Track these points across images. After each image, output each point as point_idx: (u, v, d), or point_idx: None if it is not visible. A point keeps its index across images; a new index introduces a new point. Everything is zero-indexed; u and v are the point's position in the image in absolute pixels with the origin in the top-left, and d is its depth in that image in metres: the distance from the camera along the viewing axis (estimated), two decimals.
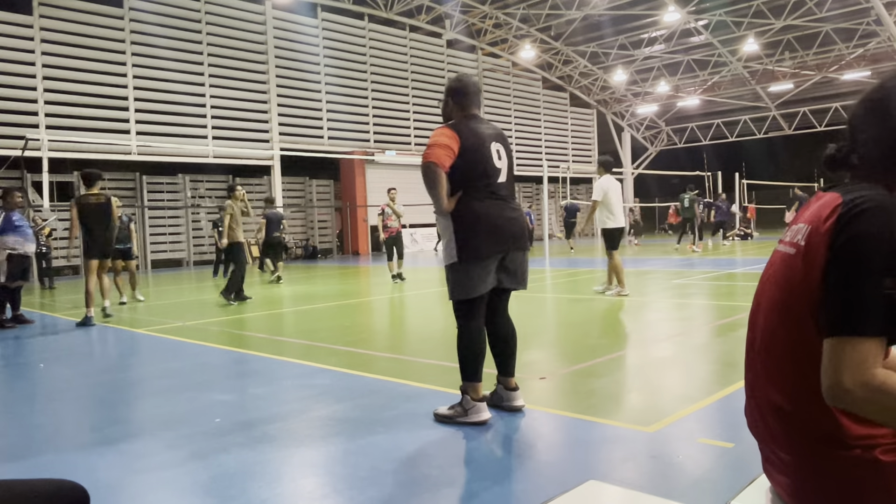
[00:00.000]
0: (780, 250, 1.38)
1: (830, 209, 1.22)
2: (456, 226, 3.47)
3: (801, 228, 1.30)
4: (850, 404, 1.13)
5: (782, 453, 1.33)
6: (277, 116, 21.34)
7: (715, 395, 3.82)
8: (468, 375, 3.52)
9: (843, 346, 1.12)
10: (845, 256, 1.16)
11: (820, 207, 1.26)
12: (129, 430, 3.61)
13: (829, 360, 1.14)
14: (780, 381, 1.31)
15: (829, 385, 1.14)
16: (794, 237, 1.31)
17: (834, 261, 1.18)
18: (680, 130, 35.93)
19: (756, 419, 1.42)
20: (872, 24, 24.55)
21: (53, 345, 6.93)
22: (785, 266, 1.32)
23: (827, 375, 1.14)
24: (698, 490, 2.57)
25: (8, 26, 16.54)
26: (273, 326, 7.53)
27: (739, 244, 20.84)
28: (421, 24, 25.62)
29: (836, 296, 1.16)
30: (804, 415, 1.26)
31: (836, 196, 1.24)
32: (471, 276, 3.47)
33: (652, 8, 24.96)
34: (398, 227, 11.78)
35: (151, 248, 19.97)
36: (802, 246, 1.26)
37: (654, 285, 10.17)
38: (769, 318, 1.35)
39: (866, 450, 1.21)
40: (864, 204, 1.17)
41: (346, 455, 3.08)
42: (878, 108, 1.30)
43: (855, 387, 1.10)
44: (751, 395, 1.43)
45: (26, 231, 8.13)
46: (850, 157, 1.33)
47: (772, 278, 1.37)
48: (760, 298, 1.42)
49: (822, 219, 1.22)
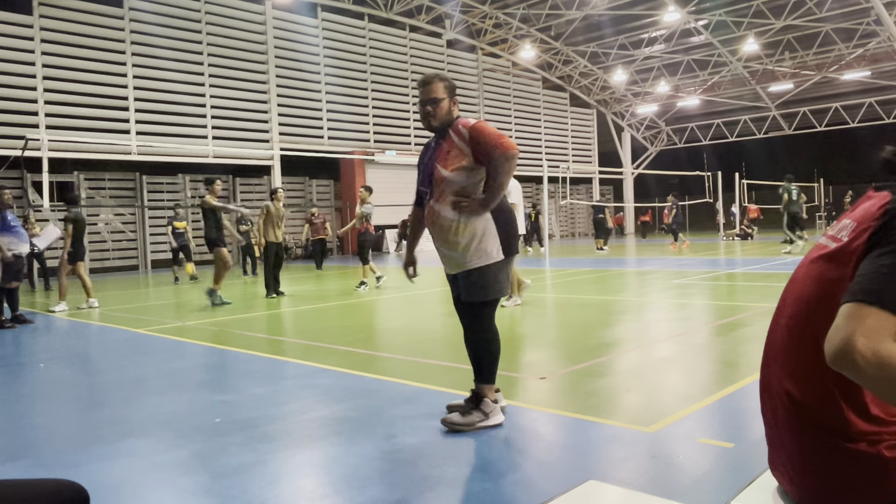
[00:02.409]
0: (821, 242, 1.39)
1: (880, 205, 1.24)
2: (497, 221, 3.37)
3: (847, 224, 1.31)
4: (853, 367, 1.10)
5: (789, 442, 1.34)
6: (277, 116, 21.35)
7: (715, 395, 3.82)
8: (491, 378, 3.45)
9: (864, 311, 1.11)
10: (883, 237, 1.18)
11: (869, 206, 1.28)
12: (129, 430, 3.60)
13: (845, 321, 1.12)
14: (796, 372, 1.32)
15: (840, 342, 1.11)
16: (839, 233, 1.32)
17: (872, 243, 1.19)
18: (680, 130, 35.94)
19: (768, 406, 1.43)
20: (872, 24, 24.55)
21: (53, 345, 6.93)
22: (821, 259, 1.33)
23: (838, 334, 1.12)
24: (698, 490, 2.57)
25: (8, 26, 16.54)
26: (273, 326, 7.53)
27: (739, 244, 20.84)
28: (421, 24, 25.63)
29: (865, 268, 1.17)
30: (814, 406, 1.27)
31: (886, 194, 1.26)
32: (507, 273, 3.43)
33: (652, 8, 24.96)
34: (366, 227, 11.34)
35: (151, 248, 19.97)
36: (845, 241, 1.27)
37: (654, 285, 10.17)
38: (794, 308, 1.36)
39: (871, 444, 1.23)
40: None
41: (346, 455, 3.08)
42: None
43: (866, 350, 1.08)
44: (766, 381, 1.44)
45: (20, 231, 8.11)
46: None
47: (805, 270, 1.38)
48: (789, 288, 1.43)
49: (870, 215, 1.24)
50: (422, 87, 3.45)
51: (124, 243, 19.76)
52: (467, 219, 3.33)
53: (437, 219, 3.41)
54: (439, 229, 3.41)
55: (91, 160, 18.28)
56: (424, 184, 3.51)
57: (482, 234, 3.34)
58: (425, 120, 3.45)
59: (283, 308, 9.01)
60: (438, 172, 3.38)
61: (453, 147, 3.36)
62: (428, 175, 3.47)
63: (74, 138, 16.96)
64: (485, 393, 3.43)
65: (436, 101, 3.40)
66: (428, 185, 3.46)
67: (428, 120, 3.44)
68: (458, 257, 3.37)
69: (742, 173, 24.99)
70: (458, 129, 3.37)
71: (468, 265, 3.36)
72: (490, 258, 3.34)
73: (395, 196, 22.31)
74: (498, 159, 3.22)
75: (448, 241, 3.38)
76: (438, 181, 3.39)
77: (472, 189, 3.35)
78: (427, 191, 3.48)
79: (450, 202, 3.34)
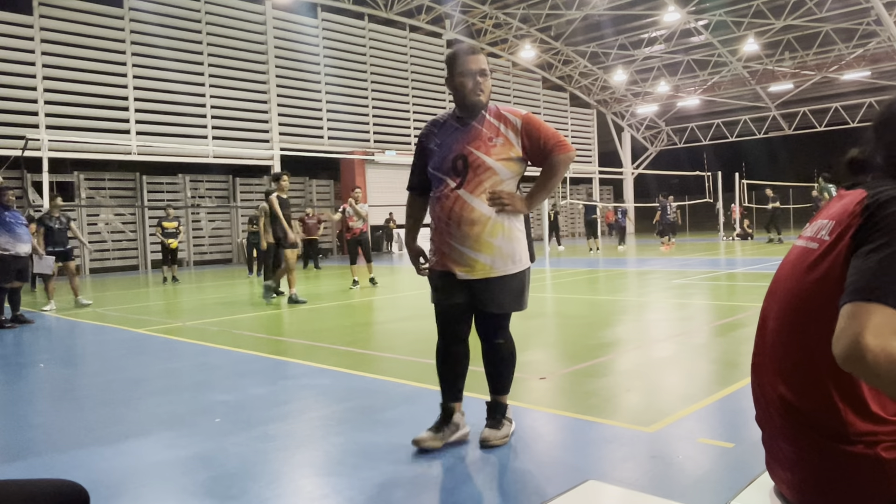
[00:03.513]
0: (799, 245, 1.38)
1: (857, 202, 1.24)
2: (527, 225, 3.10)
3: (826, 224, 1.31)
4: (865, 367, 1.09)
5: (786, 447, 1.34)
6: (277, 116, 21.35)
7: (715, 395, 3.82)
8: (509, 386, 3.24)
9: (866, 309, 1.11)
10: (872, 234, 1.17)
11: (845, 203, 1.28)
12: (129, 430, 3.60)
13: (849, 321, 1.11)
14: (789, 375, 1.31)
15: (848, 343, 1.10)
16: (818, 233, 1.32)
17: (859, 241, 1.19)
18: (680, 130, 35.95)
19: (762, 412, 1.43)
20: (872, 24, 24.55)
21: (53, 345, 6.93)
22: (805, 261, 1.32)
23: (845, 335, 1.11)
24: (698, 490, 2.57)
25: (8, 26, 16.55)
26: (273, 326, 7.53)
27: (739, 244, 20.84)
28: (421, 24, 25.63)
29: (860, 267, 1.16)
30: (810, 409, 1.27)
31: (860, 192, 1.26)
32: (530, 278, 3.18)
33: (652, 8, 24.97)
34: (361, 228, 11.54)
35: (151, 248, 19.96)
36: (827, 241, 1.27)
37: (654, 285, 10.17)
38: (783, 313, 1.35)
39: (869, 446, 1.22)
40: (891, 192, 1.19)
41: (346, 455, 3.08)
42: None
43: (876, 348, 1.07)
44: (758, 387, 1.43)
45: (18, 231, 7.97)
46: (875, 157, 1.33)
47: (790, 273, 1.37)
48: (776, 290, 1.42)
49: (848, 212, 1.24)
50: (469, 56, 2.97)
51: (124, 243, 19.76)
52: (507, 218, 2.96)
53: (467, 212, 2.92)
54: (468, 224, 2.92)
55: (91, 160, 18.29)
56: (445, 169, 2.99)
57: (518, 237, 3.01)
58: (473, 93, 2.95)
59: (282, 308, 9.01)
60: (478, 158, 2.92)
61: (497, 134, 2.95)
62: (454, 159, 2.96)
63: (74, 138, 16.96)
64: (505, 402, 3.22)
65: (485, 74, 2.98)
66: (452, 172, 2.97)
67: (476, 94, 2.95)
68: (487, 260, 2.95)
69: (742, 173, 24.98)
70: (503, 115, 2.99)
71: (499, 271, 2.97)
72: (524, 264, 3.04)
73: (396, 196, 22.31)
74: (558, 159, 2.92)
75: (479, 240, 2.93)
76: (476, 168, 2.92)
77: (509, 185, 2.98)
78: (447, 178, 2.98)
79: (486, 196, 2.92)
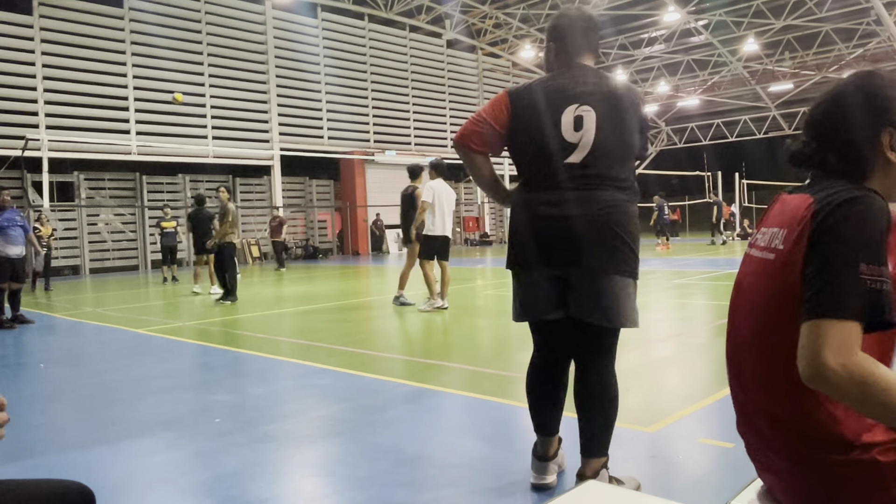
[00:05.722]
0: (755, 256, 1.36)
1: (805, 208, 1.23)
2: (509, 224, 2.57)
3: (777, 233, 1.29)
4: (828, 385, 1.11)
5: (779, 460, 1.31)
6: (277, 116, 21.34)
7: (715, 395, 3.82)
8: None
9: (824, 327, 1.11)
10: (824, 244, 1.17)
11: (794, 209, 1.27)
12: (130, 430, 3.60)
13: (810, 340, 1.13)
14: (772, 389, 1.29)
15: (809, 363, 1.12)
16: (771, 242, 1.31)
17: (813, 251, 1.19)
18: (680, 130, 35.94)
19: (747, 426, 1.40)
20: (872, 24, 24.55)
21: (54, 345, 6.94)
22: (765, 272, 1.30)
23: (806, 355, 1.13)
24: (698, 490, 2.57)
25: (8, 26, 16.54)
26: (273, 326, 7.53)
27: (739, 244, 20.85)
28: (421, 24, 25.63)
29: (815, 281, 1.16)
30: (800, 421, 1.25)
31: (806, 197, 1.26)
32: (517, 291, 2.52)
33: (652, 8, 24.97)
34: None
35: (151, 248, 19.96)
36: (782, 250, 1.26)
37: (654, 285, 10.17)
38: (755, 326, 1.33)
39: (864, 451, 1.21)
40: (841, 195, 1.19)
41: (346, 455, 3.08)
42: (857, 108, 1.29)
43: (837, 365, 1.09)
44: (740, 403, 1.42)
45: (11, 233, 7.89)
46: (827, 156, 1.32)
47: (752, 285, 1.36)
48: (738, 305, 1.40)
49: (797, 219, 1.24)
50: None
51: (124, 243, 19.76)
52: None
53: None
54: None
55: (91, 160, 18.28)
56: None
57: None
58: None
59: (282, 308, 9.01)
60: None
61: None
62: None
63: (74, 138, 16.96)
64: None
65: None
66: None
67: None
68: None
69: (742, 173, 24.98)
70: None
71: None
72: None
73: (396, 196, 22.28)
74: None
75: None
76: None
77: None
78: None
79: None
